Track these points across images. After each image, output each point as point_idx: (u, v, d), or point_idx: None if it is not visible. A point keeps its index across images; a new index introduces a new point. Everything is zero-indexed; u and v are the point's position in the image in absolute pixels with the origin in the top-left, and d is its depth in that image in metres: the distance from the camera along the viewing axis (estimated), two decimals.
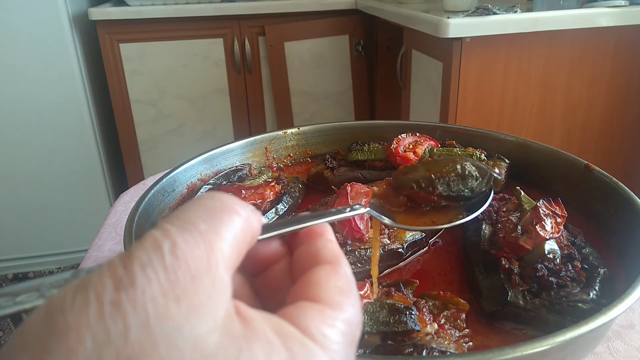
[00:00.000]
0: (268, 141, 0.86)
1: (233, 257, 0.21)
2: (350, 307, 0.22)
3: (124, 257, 0.18)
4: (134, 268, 0.17)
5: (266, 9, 2.16)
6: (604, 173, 0.66)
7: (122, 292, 0.17)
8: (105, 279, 0.17)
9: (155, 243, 0.18)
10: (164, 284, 0.17)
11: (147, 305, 0.17)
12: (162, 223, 0.20)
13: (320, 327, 0.20)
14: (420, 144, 0.77)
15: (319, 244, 0.25)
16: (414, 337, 0.44)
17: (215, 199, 0.22)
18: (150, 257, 0.18)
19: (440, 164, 0.48)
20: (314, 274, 0.23)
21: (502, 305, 0.49)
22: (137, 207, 0.61)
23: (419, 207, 0.47)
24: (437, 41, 1.50)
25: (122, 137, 2.26)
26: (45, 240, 2.24)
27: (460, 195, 0.47)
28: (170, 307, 0.17)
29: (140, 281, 0.17)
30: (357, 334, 0.22)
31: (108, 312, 0.16)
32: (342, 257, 0.25)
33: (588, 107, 1.64)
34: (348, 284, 0.23)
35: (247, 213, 0.22)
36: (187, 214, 0.20)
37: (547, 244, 0.53)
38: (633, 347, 0.54)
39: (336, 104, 2.40)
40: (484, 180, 0.48)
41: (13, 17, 1.88)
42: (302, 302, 0.22)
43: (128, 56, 2.13)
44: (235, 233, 0.21)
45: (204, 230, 0.20)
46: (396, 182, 0.48)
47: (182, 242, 0.19)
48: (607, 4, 1.51)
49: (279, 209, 0.70)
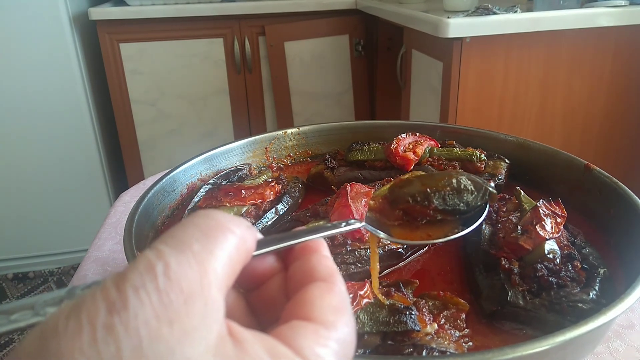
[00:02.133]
0: (268, 141, 0.86)
1: (226, 276, 0.21)
2: (344, 326, 0.22)
3: (117, 279, 0.18)
4: (127, 291, 0.17)
5: (266, 8, 2.16)
6: (604, 173, 0.66)
7: (114, 315, 0.17)
8: (98, 302, 0.17)
9: (148, 265, 0.18)
10: (157, 307, 0.17)
11: (139, 329, 0.17)
12: (156, 243, 0.20)
13: (314, 347, 0.20)
14: (420, 144, 0.77)
15: (314, 260, 0.25)
16: (414, 337, 0.44)
17: (209, 217, 0.22)
18: (143, 280, 0.18)
19: (436, 178, 0.49)
20: (308, 291, 0.23)
21: (502, 305, 0.49)
22: (137, 207, 0.61)
23: (415, 220, 0.48)
24: (437, 41, 1.50)
25: (122, 137, 2.26)
26: (45, 240, 2.25)
27: (456, 209, 0.48)
28: (162, 331, 0.17)
29: (133, 304, 0.17)
30: (351, 353, 0.22)
31: (101, 336, 0.16)
32: (336, 274, 0.25)
33: (588, 107, 1.64)
34: (342, 302, 0.23)
35: (241, 231, 0.22)
36: (181, 234, 0.20)
37: (547, 244, 0.53)
38: (633, 347, 0.54)
39: (336, 104, 2.40)
40: (480, 194, 0.48)
41: (13, 17, 1.88)
42: (295, 322, 0.22)
43: (128, 56, 2.13)
44: (229, 252, 0.21)
45: (197, 251, 0.20)
46: (392, 196, 0.48)
47: (175, 264, 0.19)
48: (607, 4, 1.51)
49: (279, 209, 0.70)
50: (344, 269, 0.56)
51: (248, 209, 0.67)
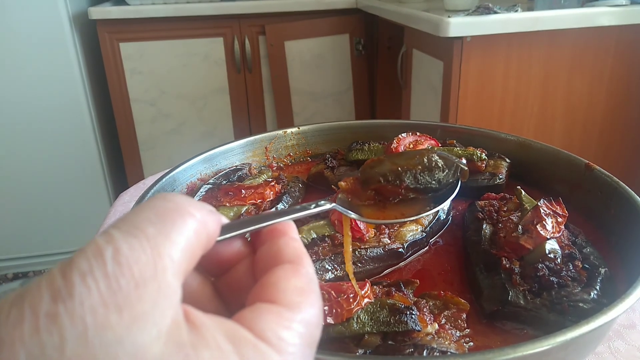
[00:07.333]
0: (268, 141, 0.85)
1: (184, 261, 0.20)
2: (309, 307, 0.22)
3: (64, 266, 0.17)
4: (73, 277, 0.17)
5: (266, 8, 2.16)
6: (605, 172, 0.66)
7: (59, 303, 0.16)
8: (43, 290, 0.17)
9: (97, 250, 0.18)
10: (105, 293, 0.17)
11: (85, 317, 0.16)
12: (108, 228, 0.19)
13: (276, 329, 0.20)
14: (420, 144, 0.77)
15: (281, 243, 0.25)
16: (415, 337, 0.44)
17: (167, 200, 0.21)
18: (91, 265, 0.17)
19: (406, 157, 0.49)
20: (273, 274, 0.23)
21: (503, 305, 0.49)
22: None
23: (387, 200, 0.47)
24: (438, 40, 1.50)
25: (122, 136, 2.26)
26: (45, 240, 2.25)
27: (427, 187, 0.47)
28: (110, 318, 0.16)
29: (79, 291, 0.16)
30: (317, 335, 0.22)
31: (43, 325, 0.16)
32: (304, 256, 0.24)
33: (589, 106, 1.64)
34: (309, 283, 0.23)
35: (202, 215, 0.22)
36: (136, 218, 0.20)
37: (548, 244, 0.53)
38: (634, 347, 0.54)
39: (336, 103, 2.40)
40: (451, 171, 0.48)
41: (13, 17, 1.88)
42: (259, 304, 0.21)
43: (128, 55, 2.13)
44: (188, 236, 0.20)
45: (151, 235, 0.19)
46: (363, 176, 0.48)
47: (126, 248, 0.18)
48: (608, 4, 1.50)
49: (279, 208, 0.70)
50: (344, 269, 0.55)
51: (248, 208, 0.67)
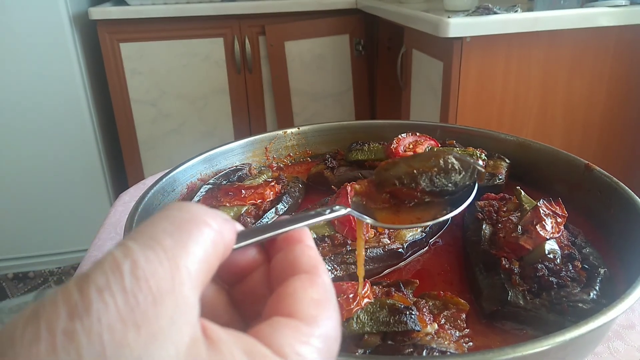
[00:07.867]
0: (268, 141, 0.86)
1: (202, 273, 0.19)
2: (327, 320, 0.21)
3: (80, 280, 0.17)
4: (90, 292, 0.16)
5: (266, 8, 2.16)
6: (605, 173, 0.66)
7: (76, 320, 0.16)
8: (59, 306, 0.16)
9: (114, 263, 0.17)
10: (123, 310, 0.16)
11: (103, 334, 0.16)
12: (125, 239, 0.19)
13: (294, 345, 0.20)
14: (420, 144, 0.77)
15: (297, 251, 0.24)
16: (414, 337, 0.44)
17: (183, 210, 0.20)
18: (108, 280, 0.17)
19: (422, 159, 0.47)
20: (289, 285, 0.22)
21: (502, 305, 0.49)
22: (137, 207, 0.61)
23: (403, 203, 0.46)
24: (438, 41, 1.50)
25: (122, 136, 2.26)
26: (45, 240, 2.24)
27: (444, 190, 0.46)
28: (128, 335, 0.16)
29: (96, 307, 0.16)
30: (335, 348, 0.21)
31: (60, 344, 0.15)
32: (320, 265, 0.24)
33: (588, 106, 1.64)
34: (325, 294, 0.22)
35: (218, 224, 0.21)
36: (152, 229, 0.19)
37: (548, 244, 0.53)
38: (633, 347, 0.54)
39: (336, 103, 2.40)
40: (468, 173, 0.46)
41: (13, 17, 1.88)
42: (276, 318, 0.21)
43: (128, 56, 2.13)
44: (205, 247, 0.20)
45: (168, 246, 0.18)
46: (378, 179, 0.47)
47: (144, 261, 0.17)
48: (607, 4, 1.51)
49: (279, 208, 0.70)
50: (344, 269, 0.55)
51: (248, 208, 0.67)
